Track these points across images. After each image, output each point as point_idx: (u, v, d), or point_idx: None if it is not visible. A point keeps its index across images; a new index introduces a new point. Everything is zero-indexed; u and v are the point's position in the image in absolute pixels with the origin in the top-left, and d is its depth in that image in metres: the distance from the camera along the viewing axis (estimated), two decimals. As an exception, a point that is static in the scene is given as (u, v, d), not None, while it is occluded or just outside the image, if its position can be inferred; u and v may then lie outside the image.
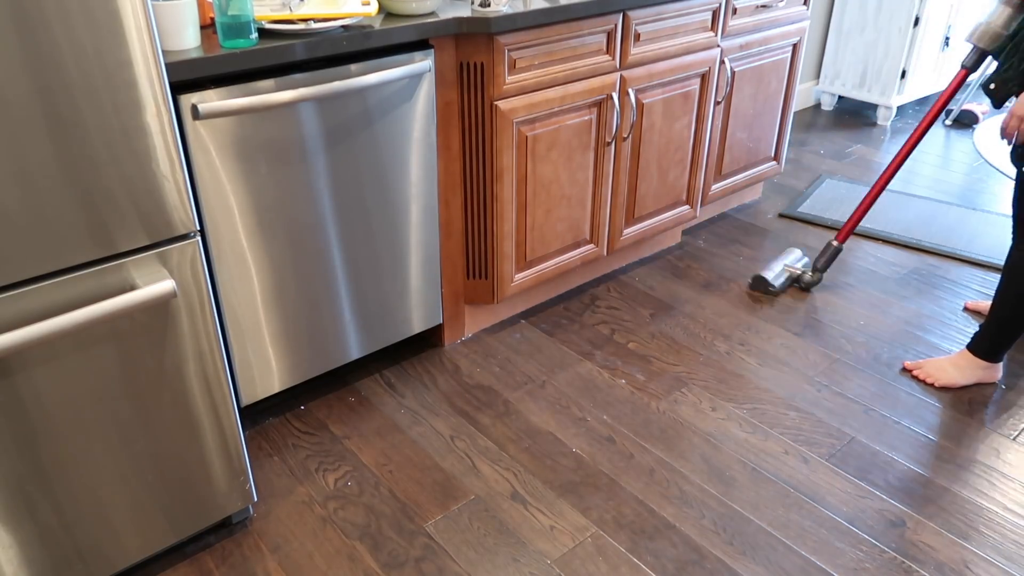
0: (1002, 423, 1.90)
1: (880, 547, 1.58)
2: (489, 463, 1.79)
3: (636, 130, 2.25)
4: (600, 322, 2.31)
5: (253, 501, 1.59)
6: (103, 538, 1.39)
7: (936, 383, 2.01)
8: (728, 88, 2.47)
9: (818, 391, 2.02)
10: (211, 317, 1.36)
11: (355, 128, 1.69)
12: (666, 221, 2.52)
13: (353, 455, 1.81)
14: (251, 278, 1.67)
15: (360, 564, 1.55)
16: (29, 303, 1.15)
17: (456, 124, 1.90)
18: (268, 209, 1.63)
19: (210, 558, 1.56)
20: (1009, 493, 1.70)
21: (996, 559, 1.55)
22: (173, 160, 1.22)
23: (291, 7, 1.60)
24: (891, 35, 3.64)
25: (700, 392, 2.02)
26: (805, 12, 2.65)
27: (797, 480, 1.74)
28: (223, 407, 1.45)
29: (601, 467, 1.78)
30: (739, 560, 1.55)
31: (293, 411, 1.95)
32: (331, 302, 1.83)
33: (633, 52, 2.12)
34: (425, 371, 2.10)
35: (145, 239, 1.24)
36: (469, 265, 2.11)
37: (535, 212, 2.10)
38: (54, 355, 1.21)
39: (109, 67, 1.11)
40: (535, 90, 1.94)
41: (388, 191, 1.82)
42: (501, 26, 1.77)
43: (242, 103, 1.46)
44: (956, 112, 3.82)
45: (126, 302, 1.21)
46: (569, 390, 2.03)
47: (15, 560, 1.29)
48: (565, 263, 2.27)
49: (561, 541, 1.60)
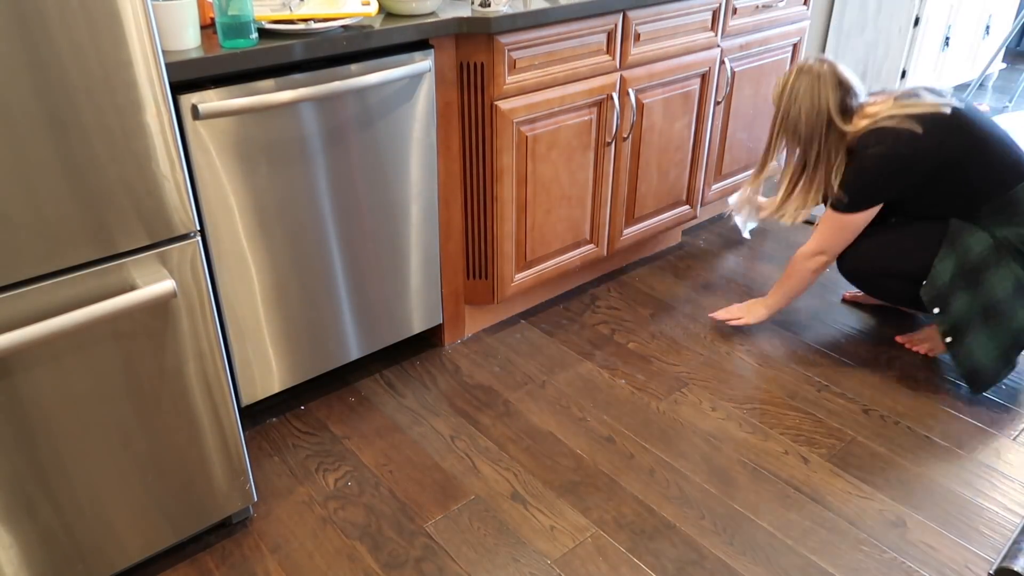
0: (1002, 423, 1.90)
1: (880, 547, 1.58)
2: (489, 463, 1.79)
3: (636, 130, 2.25)
4: (600, 322, 2.31)
5: (253, 501, 1.59)
6: (103, 538, 1.39)
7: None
8: (728, 88, 2.47)
9: (818, 391, 2.02)
10: (211, 317, 1.36)
11: (355, 128, 1.69)
12: (666, 221, 2.52)
13: (353, 455, 1.81)
14: (251, 278, 1.67)
15: (360, 564, 1.55)
16: (29, 303, 1.15)
17: (456, 124, 1.90)
18: (268, 209, 1.63)
19: (210, 558, 1.56)
20: (1009, 493, 1.70)
21: (996, 559, 1.55)
22: (173, 160, 1.22)
23: (291, 7, 1.60)
24: (891, 35, 3.64)
25: (700, 392, 2.02)
26: (805, 12, 2.65)
27: (797, 480, 1.74)
28: (223, 407, 1.45)
29: (601, 467, 1.78)
30: (739, 560, 1.55)
31: (293, 411, 1.95)
32: (331, 302, 1.83)
33: (633, 52, 2.12)
34: (425, 371, 2.10)
35: (145, 239, 1.24)
36: (469, 265, 2.11)
37: (535, 212, 2.10)
38: (54, 355, 1.21)
39: (109, 67, 1.11)
40: (535, 90, 1.94)
41: (388, 191, 1.82)
42: (501, 26, 1.77)
43: (242, 103, 1.46)
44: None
45: (126, 302, 1.21)
46: (569, 390, 2.03)
47: (15, 560, 1.29)
48: (565, 263, 2.27)
49: (561, 541, 1.60)
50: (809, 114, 1.92)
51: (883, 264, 1.97)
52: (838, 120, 1.91)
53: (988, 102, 4.12)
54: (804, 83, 1.92)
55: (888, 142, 1.85)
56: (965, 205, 1.88)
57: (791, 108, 1.93)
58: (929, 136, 1.82)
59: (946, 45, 3.82)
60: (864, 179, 1.90)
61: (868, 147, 1.88)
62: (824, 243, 2.00)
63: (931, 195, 1.91)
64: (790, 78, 1.95)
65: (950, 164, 1.85)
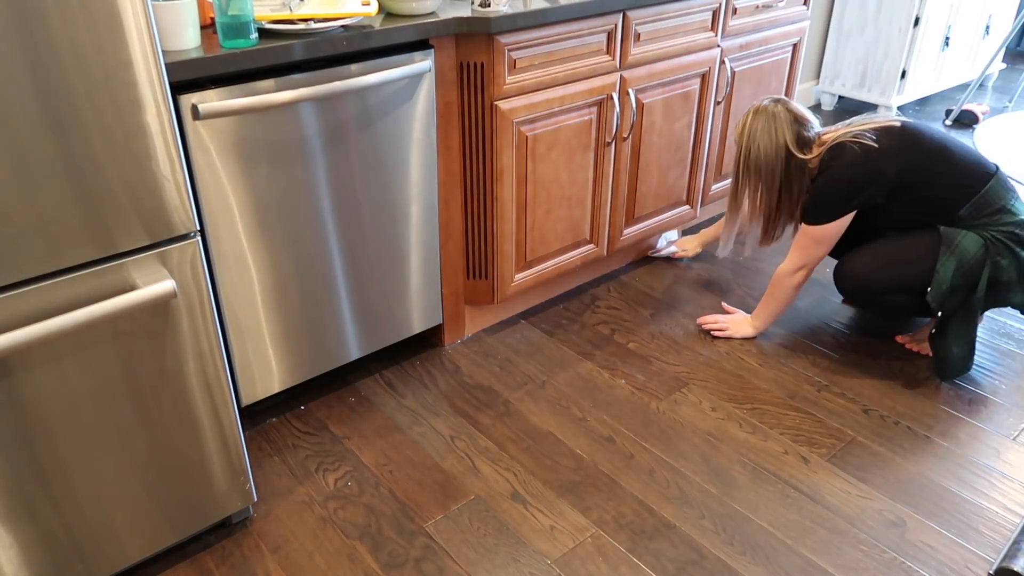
0: (1002, 423, 1.90)
1: (880, 547, 1.58)
2: (489, 463, 1.79)
3: (636, 130, 2.25)
4: (600, 322, 2.31)
5: (253, 501, 1.59)
6: (103, 538, 1.39)
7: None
8: (728, 88, 2.47)
9: (818, 391, 2.02)
10: (211, 317, 1.36)
11: (355, 128, 1.69)
12: (666, 221, 2.52)
13: (353, 455, 1.81)
14: (251, 278, 1.67)
15: (360, 564, 1.55)
16: (29, 303, 1.15)
17: (456, 124, 1.90)
18: (268, 209, 1.63)
19: (210, 558, 1.56)
20: (1009, 493, 1.70)
21: (996, 559, 1.55)
22: (173, 160, 1.22)
23: (291, 7, 1.60)
24: (891, 35, 3.64)
25: (700, 392, 2.02)
26: (805, 12, 2.65)
27: (797, 480, 1.74)
28: (223, 407, 1.45)
29: (601, 467, 1.78)
30: (739, 560, 1.55)
31: (293, 411, 1.95)
32: (331, 302, 1.83)
33: (633, 52, 2.12)
34: (425, 371, 2.10)
35: (145, 239, 1.24)
36: (469, 265, 2.11)
37: (535, 212, 2.10)
38: (54, 355, 1.21)
39: (109, 67, 1.11)
40: (535, 90, 1.94)
41: (388, 191, 1.82)
42: (501, 26, 1.77)
43: (242, 103, 1.46)
44: (956, 112, 3.82)
45: (126, 302, 1.21)
46: (569, 390, 2.03)
47: (15, 560, 1.29)
48: (565, 263, 2.27)
49: (561, 541, 1.60)
50: (767, 149, 2.03)
51: (886, 281, 2.00)
52: (796, 151, 2.02)
53: (988, 102, 4.12)
54: (760, 122, 2.04)
55: (848, 154, 1.95)
56: (944, 211, 1.95)
57: (751, 147, 2.05)
58: (885, 143, 1.94)
59: (946, 45, 3.82)
60: (831, 191, 1.98)
61: (831, 162, 1.98)
62: (803, 258, 2.08)
63: (907, 203, 1.97)
64: (747, 119, 2.08)
65: (914, 168, 1.93)
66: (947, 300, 1.92)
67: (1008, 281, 1.91)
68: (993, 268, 1.89)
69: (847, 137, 1.97)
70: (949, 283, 1.90)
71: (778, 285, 2.14)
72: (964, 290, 1.92)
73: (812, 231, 2.03)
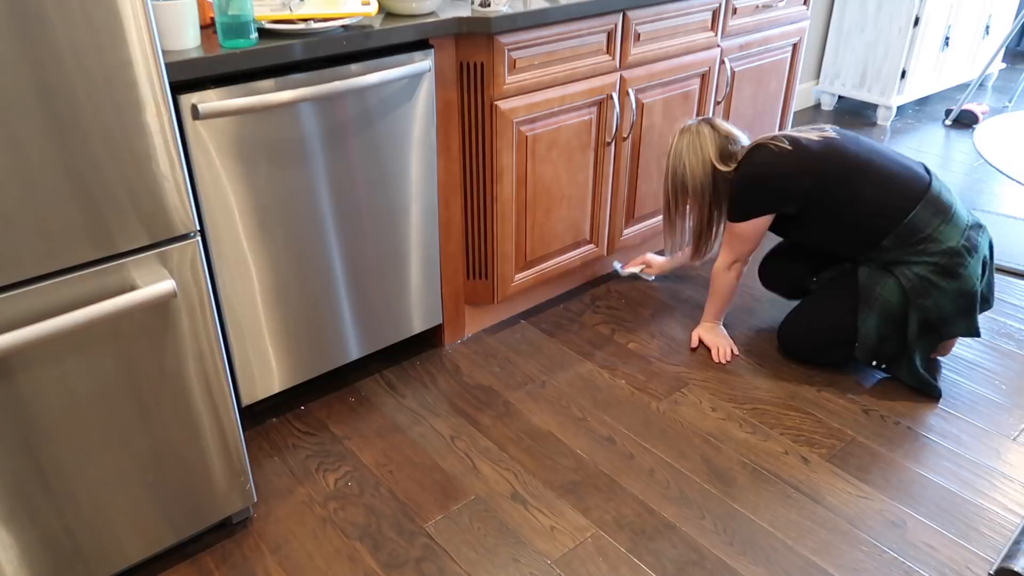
0: (1002, 423, 1.90)
1: (880, 547, 1.58)
2: (489, 463, 1.79)
3: (636, 130, 2.25)
4: (600, 322, 2.31)
5: (253, 501, 1.59)
6: (103, 538, 1.39)
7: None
8: (728, 88, 2.47)
9: (818, 391, 2.02)
10: (211, 317, 1.36)
11: (355, 128, 1.69)
12: (666, 221, 2.52)
13: (353, 455, 1.81)
14: (251, 278, 1.67)
15: (360, 564, 1.55)
16: (29, 303, 1.15)
17: (456, 124, 1.90)
18: (268, 209, 1.63)
19: (210, 558, 1.56)
20: (1009, 493, 1.70)
21: (996, 559, 1.55)
22: (173, 160, 1.22)
23: (291, 7, 1.60)
24: (891, 35, 3.64)
25: (700, 392, 2.02)
26: (805, 12, 2.65)
27: (797, 480, 1.74)
28: (223, 407, 1.45)
29: (601, 467, 1.78)
30: (739, 560, 1.55)
31: (293, 411, 1.95)
32: (331, 302, 1.83)
33: (633, 52, 2.12)
34: (425, 371, 2.10)
35: (145, 239, 1.24)
36: (469, 265, 2.11)
37: (535, 212, 2.10)
38: (54, 355, 1.21)
39: (109, 67, 1.11)
40: (535, 90, 1.94)
41: (388, 191, 1.82)
42: (501, 26, 1.77)
43: (242, 103, 1.46)
44: (956, 112, 3.82)
45: (126, 302, 1.21)
46: (569, 390, 2.03)
47: (15, 560, 1.29)
48: (565, 263, 2.27)
49: (561, 541, 1.60)
50: (694, 166, 2.06)
51: (816, 343, 2.06)
52: (721, 166, 2.04)
53: (988, 102, 4.12)
54: (685, 141, 2.08)
55: (763, 154, 1.97)
56: (865, 240, 1.92)
57: (678, 165, 2.08)
58: (803, 149, 1.93)
59: (946, 45, 3.82)
60: (747, 190, 1.99)
61: (744, 160, 2.01)
62: (733, 253, 2.10)
63: (827, 224, 1.95)
64: (674, 140, 2.11)
65: (831, 178, 1.90)
66: (880, 351, 1.95)
67: (941, 317, 1.89)
68: (920, 311, 1.88)
69: (767, 139, 1.98)
70: (874, 338, 1.93)
71: (716, 280, 2.15)
72: (896, 338, 1.94)
73: (733, 228, 2.05)
